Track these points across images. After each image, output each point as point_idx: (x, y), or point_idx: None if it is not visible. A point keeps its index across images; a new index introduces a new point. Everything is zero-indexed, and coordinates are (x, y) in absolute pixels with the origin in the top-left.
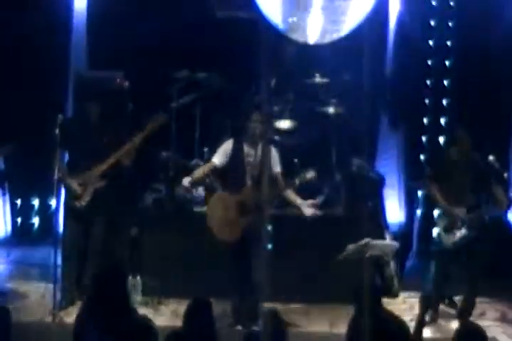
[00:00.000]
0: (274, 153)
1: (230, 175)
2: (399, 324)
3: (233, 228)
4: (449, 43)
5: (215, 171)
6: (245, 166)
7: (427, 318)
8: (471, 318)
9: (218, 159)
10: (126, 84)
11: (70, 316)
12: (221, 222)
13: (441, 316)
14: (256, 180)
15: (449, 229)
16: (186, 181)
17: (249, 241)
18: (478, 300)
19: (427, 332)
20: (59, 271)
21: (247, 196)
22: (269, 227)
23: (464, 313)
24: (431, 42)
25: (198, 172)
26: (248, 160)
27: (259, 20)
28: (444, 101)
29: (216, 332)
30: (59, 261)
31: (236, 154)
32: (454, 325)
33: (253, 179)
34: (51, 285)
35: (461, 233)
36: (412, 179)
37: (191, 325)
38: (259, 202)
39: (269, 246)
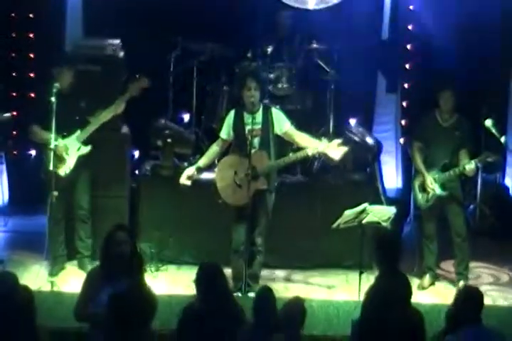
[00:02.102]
0: (277, 113)
1: (235, 143)
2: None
3: (243, 192)
4: (446, 6)
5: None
6: (246, 135)
7: (425, 283)
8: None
9: (225, 133)
10: (122, 52)
11: (67, 284)
12: (231, 186)
13: (440, 280)
14: (260, 147)
15: (423, 189)
16: (201, 163)
17: (256, 206)
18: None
19: (425, 297)
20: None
21: (256, 160)
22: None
23: (458, 276)
24: (427, 6)
25: (212, 152)
26: (249, 127)
27: None
28: (440, 66)
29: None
30: None
31: (237, 123)
32: (452, 289)
33: (258, 146)
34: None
35: (433, 192)
36: (409, 145)
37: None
38: (266, 167)
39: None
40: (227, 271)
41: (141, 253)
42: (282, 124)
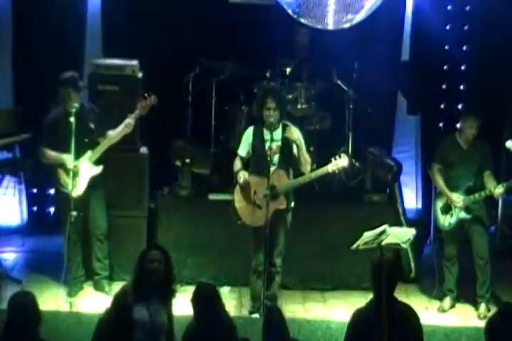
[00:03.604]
0: (297, 133)
1: (253, 161)
2: (410, 313)
3: (262, 212)
4: (466, 28)
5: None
6: (266, 151)
7: (445, 306)
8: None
9: (243, 150)
10: (140, 72)
11: (86, 305)
12: (250, 206)
13: (460, 303)
14: (279, 165)
15: (445, 211)
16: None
17: (275, 226)
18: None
19: (446, 320)
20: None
21: (276, 179)
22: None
23: (479, 299)
24: (448, 28)
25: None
26: (268, 145)
27: (274, 6)
28: (462, 87)
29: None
30: None
31: (257, 140)
32: (472, 312)
33: (277, 163)
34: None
35: (456, 215)
36: (429, 166)
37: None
38: (286, 186)
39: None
40: (246, 291)
41: (173, 275)
42: (300, 146)
